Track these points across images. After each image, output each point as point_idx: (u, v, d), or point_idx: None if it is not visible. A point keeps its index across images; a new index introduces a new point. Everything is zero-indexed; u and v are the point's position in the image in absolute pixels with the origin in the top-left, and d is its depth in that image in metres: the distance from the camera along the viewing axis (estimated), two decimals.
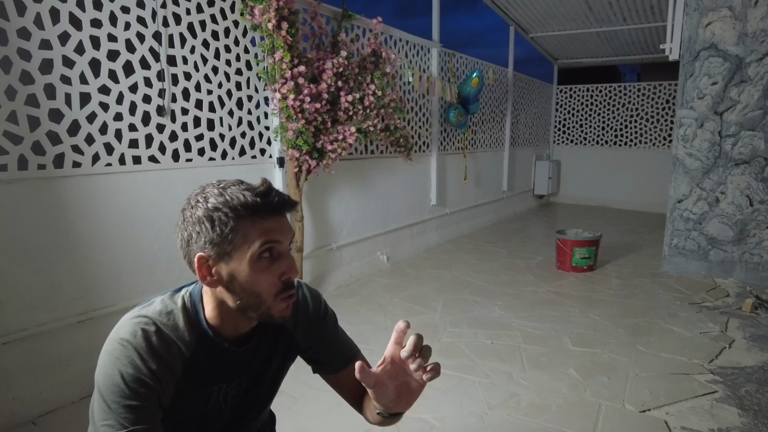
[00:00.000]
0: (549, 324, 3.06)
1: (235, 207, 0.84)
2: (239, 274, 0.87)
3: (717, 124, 3.97)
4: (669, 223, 4.29)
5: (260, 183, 0.88)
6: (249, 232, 0.85)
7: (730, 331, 2.98)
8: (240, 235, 0.85)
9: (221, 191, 0.87)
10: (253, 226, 0.85)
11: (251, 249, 0.85)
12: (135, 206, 2.47)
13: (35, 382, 2.07)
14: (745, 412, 2.10)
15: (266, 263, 0.87)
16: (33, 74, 2.08)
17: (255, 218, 0.85)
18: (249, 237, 0.85)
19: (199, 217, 0.86)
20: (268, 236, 0.86)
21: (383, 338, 2.84)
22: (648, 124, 7.80)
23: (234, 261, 0.86)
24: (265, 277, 0.88)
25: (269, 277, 0.88)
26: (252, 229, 0.85)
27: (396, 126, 3.82)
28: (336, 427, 2.00)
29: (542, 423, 2.02)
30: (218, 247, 0.86)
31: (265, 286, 0.88)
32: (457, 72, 5.42)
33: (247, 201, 0.85)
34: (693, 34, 3.97)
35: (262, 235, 0.86)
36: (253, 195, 0.86)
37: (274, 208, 0.87)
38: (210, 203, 0.86)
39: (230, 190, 0.87)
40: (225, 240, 0.85)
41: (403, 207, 4.75)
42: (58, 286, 2.19)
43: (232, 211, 0.84)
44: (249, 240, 0.85)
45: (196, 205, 0.88)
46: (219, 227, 0.85)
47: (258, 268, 0.87)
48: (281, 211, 0.89)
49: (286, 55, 2.86)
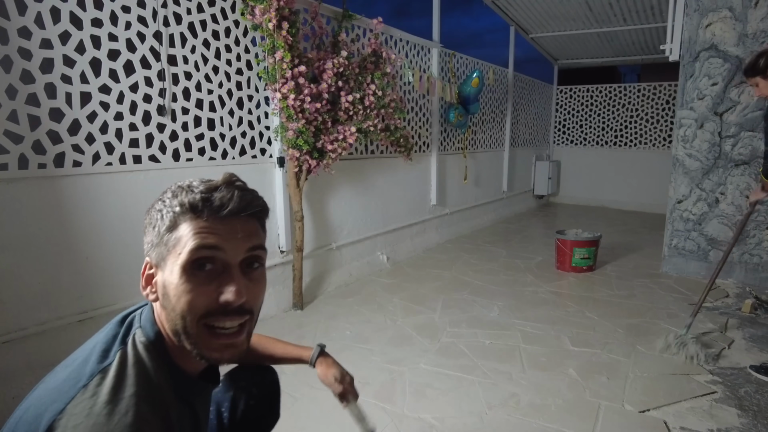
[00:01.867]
0: (548, 324, 3.06)
1: (177, 203, 0.72)
2: (169, 286, 0.71)
3: (717, 125, 3.97)
4: (669, 223, 4.30)
5: (226, 178, 0.75)
6: (183, 234, 0.70)
7: (729, 331, 2.98)
8: (174, 237, 0.71)
9: (178, 187, 0.75)
10: (189, 226, 0.70)
11: (182, 255, 0.70)
12: (135, 205, 2.48)
13: (35, 381, 2.05)
14: (745, 412, 2.11)
15: (201, 278, 0.70)
16: (34, 73, 2.08)
17: (195, 218, 0.71)
18: (182, 240, 0.70)
19: (147, 213, 0.77)
20: (204, 240, 0.70)
21: (383, 338, 2.84)
22: (648, 124, 7.80)
23: (167, 268, 0.72)
24: (195, 294, 0.70)
25: (201, 295, 0.70)
26: (188, 230, 0.70)
27: (396, 126, 3.82)
28: (336, 427, 2.00)
29: (542, 423, 2.02)
30: (156, 249, 0.73)
31: (193, 307, 0.70)
32: (457, 72, 5.42)
33: (187, 196, 0.72)
34: (693, 35, 3.97)
35: (195, 238, 0.70)
36: (203, 189, 0.73)
37: (216, 207, 0.71)
38: (158, 199, 0.76)
39: (187, 185, 0.75)
40: (161, 241, 0.72)
41: (403, 207, 4.75)
42: (58, 285, 2.20)
43: (171, 207, 0.72)
44: (181, 243, 0.70)
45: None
46: (157, 226, 0.73)
47: (188, 282, 0.70)
48: (228, 213, 0.72)
49: (287, 54, 2.86)
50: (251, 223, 0.75)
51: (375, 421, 1.30)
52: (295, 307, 3.31)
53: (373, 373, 2.43)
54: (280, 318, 3.15)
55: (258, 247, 0.76)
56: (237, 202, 0.72)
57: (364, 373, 2.42)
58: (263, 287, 0.80)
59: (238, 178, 0.77)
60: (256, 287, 0.77)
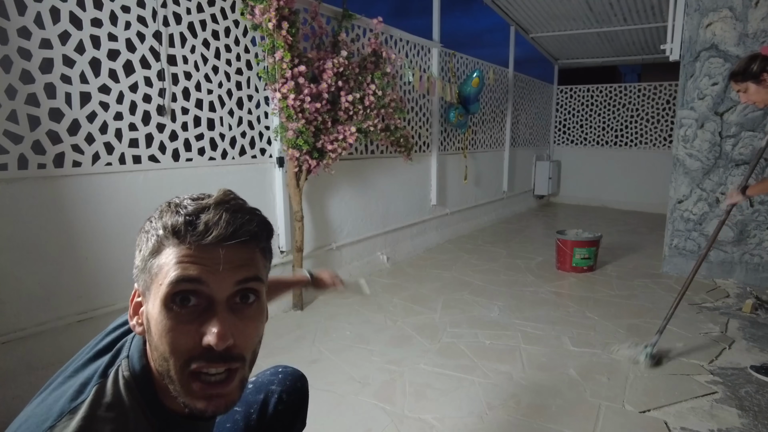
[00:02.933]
0: (549, 324, 3.06)
1: (161, 225, 0.63)
2: (152, 320, 0.63)
3: (717, 125, 3.96)
4: (669, 223, 4.29)
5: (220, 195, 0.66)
6: (165, 262, 0.61)
7: (730, 331, 2.98)
8: (156, 264, 0.62)
9: (167, 204, 0.66)
10: (172, 253, 0.61)
11: (162, 286, 0.61)
12: (135, 206, 2.47)
13: (35, 381, 2.07)
14: (745, 412, 2.10)
15: (184, 314, 0.61)
16: (33, 73, 2.08)
17: (178, 243, 0.62)
18: (163, 268, 0.61)
19: (138, 233, 0.68)
20: (185, 272, 0.60)
21: (383, 338, 2.84)
22: (648, 124, 7.80)
23: (150, 299, 0.63)
24: (176, 335, 0.60)
25: (183, 336, 0.61)
26: (171, 258, 0.61)
27: (396, 126, 3.82)
28: (336, 427, 2.00)
29: (542, 423, 2.02)
30: (141, 276, 0.65)
31: (175, 349, 0.61)
32: (457, 72, 5.42)
33: (171, 218, 0.63)
34: (693, 35, 3.97)
35: (176, 268, 0.60)
36: (191, 209, 0.63)
37: (200, 233, 0.61)
38: (148, 218, 0.67)
39: (176, 202, 0.65)
40: (145, 267, 0.64)
41: (403, 207, 4.75)
42: (57, 286, 2.19)
43: (156, 230, 0.64)
44: (162, 272, 0.61)
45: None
46: (143, 249, 0.65)
47: (169, 319, 0.61)
48: (214, 239, 0.61)
49: (287, 54, 2.86)
50: (244, 251, 0.64)
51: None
52: (295, 308, 3.31)
53: (373, 373, 2.43)
54: (279, 318, 3.15)
55: (251, 278, 0.65)
56: (224, 227, 0.61)
57: (364, 374, 2.42)
58: (259, 326, 0.68)
59: (236, 196, 0.67)
60: (248, 327, 0.65)
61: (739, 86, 2.29)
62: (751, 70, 2.21)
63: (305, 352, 2.65)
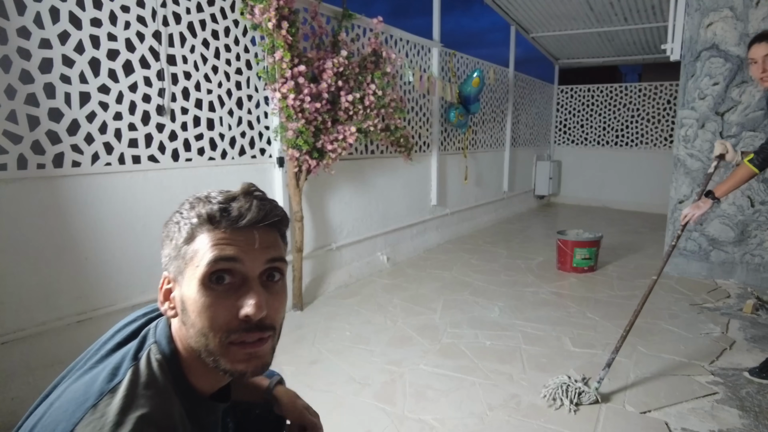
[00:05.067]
0: (549, 325, 3.06)
1: (194, 214, 0.71)
2: (187, 300, 0.69)
3: (718, 125, 3.96)
4: (670, 223, 4.28)
5: (245, 188, 0.75)
6: (201, 246, 0.69)
7: (731, 332, 2.97)
8: (191, 249, 0.70)
9: (195, 198, 0.74)
10: (207, 238, 0.69)
11: (200, 267, 0.68)
12: (134, 206, 2.47)
13: (34, 382, 2.07)
14: (746, 413, 2.10)
15: (220, 292, 0.69)
16: (33, 73, 2.07)
17: (213, 229, 0.70)
18: (199, 252, 0.69)
19: (165, 226, 0.74)
20: (222, 252, 0.68)
21: (383, 339, 2.84)
22: (649, 124, 7.79)
23: (185, 282, 0.70)
24: (215, 309, 0.68)
25: (222, 310, 0.68)
26: (206, 242, 0.69)
27: (396, 126, 3.82)
28: (336, 428, 1.99)
29: (542, 424, 2.02)
30: (173, 263, 0.71)
31: (214, 323, 0.68)
32: (457, 72, 5.41)
33: (205, 207, 0.71)
34: (694, 35, 3.96)
35: (213, 249, 0.68)
36: (221, 200, 0.72)
37: (234, 218, 0.70)
38: (176, 211, 0.73)
39: (205, 195, 0.74)
40: (179, 254, 0.71)
41: (403, 207, 4.75)
42: (57, 286, 2.19)
43: (189, 219, 0.71)
44: (199, 255, 0.69)
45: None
46: (174, 238, 0.71)
47: (207, 296, 0.68)
48: (247, 223, 0.70)
49: (287, 54, 2.86)
50: (271, 234, 0.73)
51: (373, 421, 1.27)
52: (295, 308, 3.30)
53: (373, 374, 2.43)
54: None
55: (278, 258, 0.74)
56: (255, 212, 0.71)
57: (364, 374, 2.42)
58: (284, 301, 0.77)
59: (257, 187, 0.76)
60: (276, 301, 0.73)
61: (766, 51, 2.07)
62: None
63: (305, 353, 2.65)
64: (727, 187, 2.36)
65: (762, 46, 2.10)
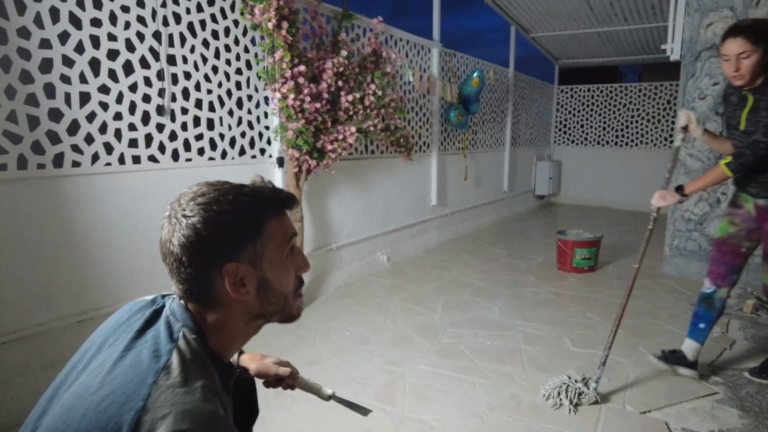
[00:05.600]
0: (549, 325, 3.05)
1: (258, 207, 0.81)
2: (272, 277, 0.83)
3: (718, 125, 3.96)
4: (670, 223, 4.28)
5: (261, 180, 0.87)
6: (275, 231, 0.83)
7: (731, 332, 2.97)
8: (264, 234, 0.81)
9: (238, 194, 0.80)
10: (278, 223, 0.84)
11: (280, 245, 0.84)
12: (134, 206, 2.47)
13: (34, 382, 2.07)
14: (746, 413, 2.10)
15: (291, 260, 0.86)
16: (33, 73, 2.07)
17: (277, 213, 0.84)
18: (275, 235, 0.83)
19: (219, 221, 0.76)
20: (292, 230, 0.87)
21: (383, 339, 2.83)
22: (649, 124, 7.79)
23: (266, 263, 0.82)
24: (290, 275, 0.87)
25: (290, 274, 0.87)
26: (277, 226, 0.83)
27: (396, 126, 3.82)
28: (336, 427, 2.00)
29: (542, 424, 2.01)
30: (246, 252, 0.79)
31: (288, 285, 0.87)
32: (457, 72, 5.41)
33: (268, 198, 0.83)
34: (694, 35, 3.96)
35: (288, 230, 0.85)
36: (270, 191, 0.85)
37: (287, 202, 0.86)
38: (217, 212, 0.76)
39: (237, 190, 0.81)
40: (255, 243, 0.80)
41: (403, 207, 4.75)
42: (57, 286, 2.19)
43: (255, 212, 0.80)
44: (276, 238, 0.83)
45: (209, 209, 0.76)
46: (240, 231, 0.78)
47: (288, 267, 0.86)
48: (293, 206, 0.89)
49: (286, 54, 2.86)
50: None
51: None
52: None
53: (374, 374, 2.43)
54: None
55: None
56: (292, 198, 0.88)
57: (365, 374, 2.42)
58: None
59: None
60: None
61: (746, 48, 1.92)
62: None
63: (305, 353, 2.65)
64: (699, 185, 2.26)
65: (737, 42, 1.95)
